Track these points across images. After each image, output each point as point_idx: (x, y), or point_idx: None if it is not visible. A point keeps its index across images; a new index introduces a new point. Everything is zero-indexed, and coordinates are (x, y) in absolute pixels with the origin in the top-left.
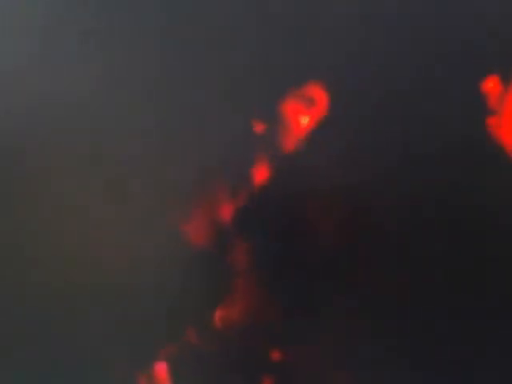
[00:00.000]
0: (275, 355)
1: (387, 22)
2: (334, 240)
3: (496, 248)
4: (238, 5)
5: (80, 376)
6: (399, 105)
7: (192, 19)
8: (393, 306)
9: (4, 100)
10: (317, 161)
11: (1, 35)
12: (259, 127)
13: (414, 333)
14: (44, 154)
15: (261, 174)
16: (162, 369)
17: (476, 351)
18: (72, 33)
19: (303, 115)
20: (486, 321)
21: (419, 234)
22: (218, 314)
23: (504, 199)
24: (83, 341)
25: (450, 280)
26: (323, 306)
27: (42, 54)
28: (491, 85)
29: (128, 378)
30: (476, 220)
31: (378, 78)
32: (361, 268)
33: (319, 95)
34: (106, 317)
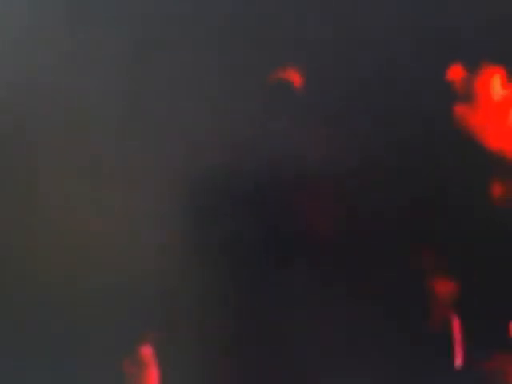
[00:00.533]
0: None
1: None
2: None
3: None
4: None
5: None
6: (366, 94)
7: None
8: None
9: None
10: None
11: None
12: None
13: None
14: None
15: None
16: (147, 352)
17: None
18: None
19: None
20: None
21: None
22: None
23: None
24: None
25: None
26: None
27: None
28: (456, 73)
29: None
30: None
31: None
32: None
33: (296, 80)
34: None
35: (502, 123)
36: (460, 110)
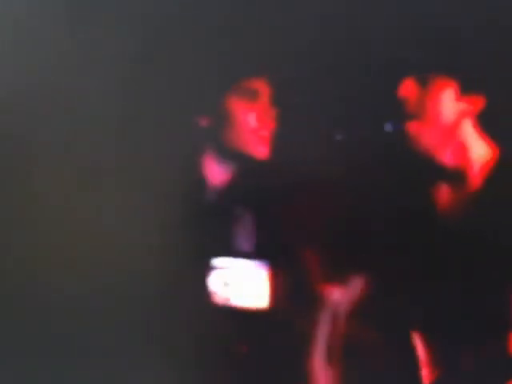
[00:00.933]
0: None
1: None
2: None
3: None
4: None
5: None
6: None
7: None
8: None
9: None
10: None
11: None
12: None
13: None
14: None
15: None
16: None
17: None
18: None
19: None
20: None
21: None
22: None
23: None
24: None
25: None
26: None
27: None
28: (408, 89)
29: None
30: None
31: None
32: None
33: (262, 88)
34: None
35: (453, 137)
36: (413, 125)
